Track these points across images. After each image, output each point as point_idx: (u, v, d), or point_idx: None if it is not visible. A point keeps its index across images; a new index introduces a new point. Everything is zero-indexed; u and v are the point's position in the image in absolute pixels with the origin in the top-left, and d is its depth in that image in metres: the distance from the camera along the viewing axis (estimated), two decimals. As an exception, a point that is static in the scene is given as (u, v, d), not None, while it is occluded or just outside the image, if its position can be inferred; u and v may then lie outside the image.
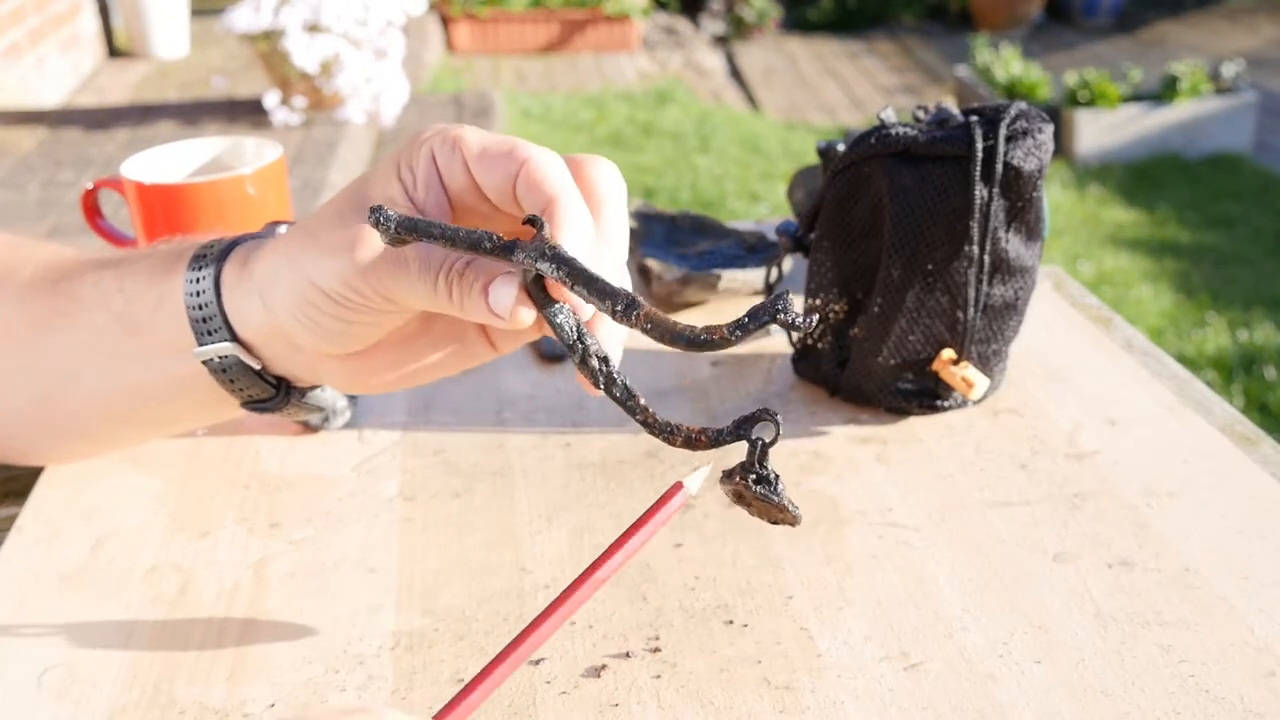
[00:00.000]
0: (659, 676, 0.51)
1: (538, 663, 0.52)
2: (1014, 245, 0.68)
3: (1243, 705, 0.49)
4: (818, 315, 0.39)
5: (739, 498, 0.47)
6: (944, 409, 0.71)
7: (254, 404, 0.55)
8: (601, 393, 0.46)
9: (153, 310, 0.53)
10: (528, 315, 0.45)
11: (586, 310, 0.46)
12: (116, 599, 0.57)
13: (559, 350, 0.78)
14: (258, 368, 0.53)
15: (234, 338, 0.52)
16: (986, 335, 0.70)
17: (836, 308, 0.73)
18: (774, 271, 0.79)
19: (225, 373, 0.53)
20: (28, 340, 0.57)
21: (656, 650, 0.52)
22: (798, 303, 0.76)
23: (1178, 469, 0.65)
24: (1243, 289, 3.51)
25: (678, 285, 0.82)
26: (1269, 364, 2.96)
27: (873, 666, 0.51)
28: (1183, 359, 2.97)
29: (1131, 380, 0.75)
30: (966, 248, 0.67)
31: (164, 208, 0.75)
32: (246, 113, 3.79)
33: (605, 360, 0.46)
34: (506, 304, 0.45)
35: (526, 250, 0.44)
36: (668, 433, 0.46)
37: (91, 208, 0.82)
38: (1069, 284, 0.89)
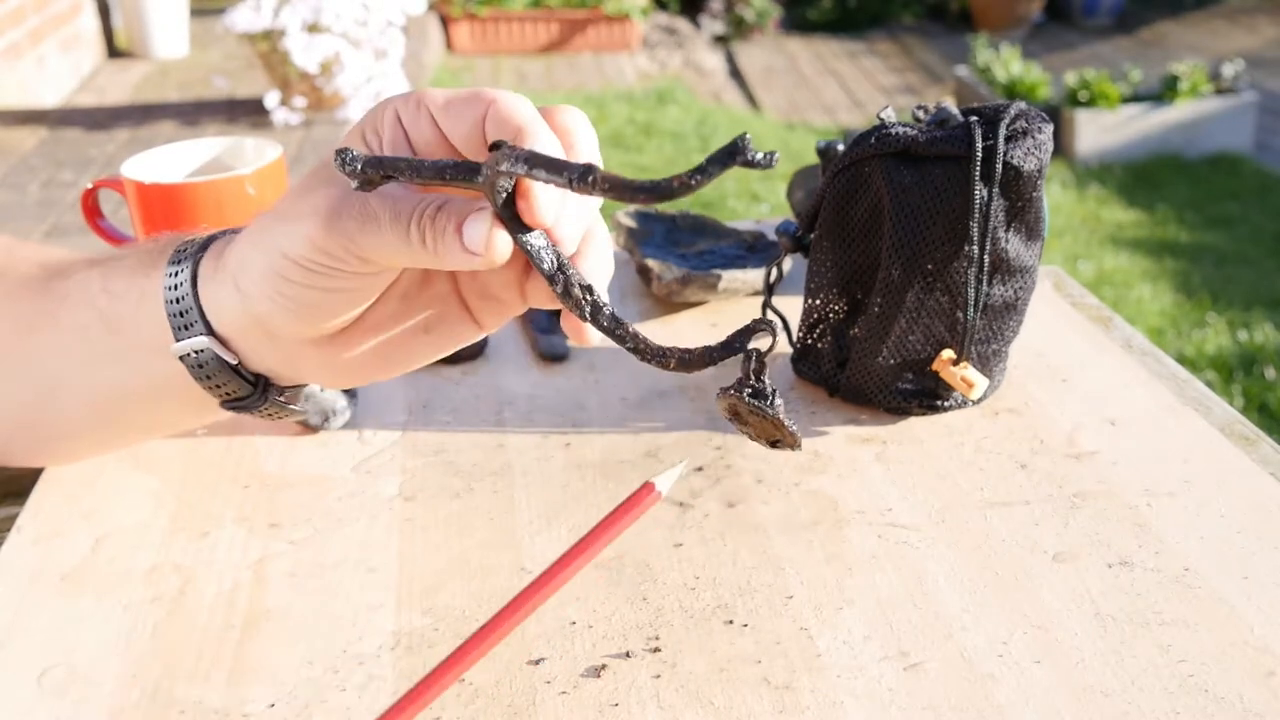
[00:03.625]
0: (659, 676, 0.51)
1: (538, 662, 0.52)
2: (1014, 245, 0.69)
3: (1242, 705, 0.49)
4: (772, 155, 0.34)
5: (734, 414, 0.44)
6: (944, 409, 0.71)
7: (233, 403, 0.54)
8: (587, 324, 0.45)
9: (134, 308, 0.53)
10: (504, 245, 0.44)
11: (569, 244, 0.45)
12: (116, 599, 0.57)
13: (559, 350, 0.78)
14: (234, 363, 0.52)
15: (210, 332, 0.51)
16: (986, 335, 0.70)
17: (836, 308, 0.73)
18: (774, 271, 0.79)
19: (202, 368, 0.52)
20: (15, 344, 0.57)
21: (656, 650, 0.52)
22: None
23: (1178, 469, 0.65)
24: (1243, 289, 3.51)
25: (678, 285, 0.82)
26: (1269, 364, 2.95)
27: (873, 666, 0.51)
28: (1183, 359, 2.97)
29: (1131, 380, 0.75)
30: (966, 248, 0.67)
31: (164, 208, 0.75)
32: (246, 113, 3.79)
33: (588, 289, 0.44)
34: (480, 237, 0.43)
35: (488, 163, 0.42)
36: (660, 357, 0.44)
37: (91, 208, 0.82)
38: (1069, 284, 0.89)
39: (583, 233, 0.46)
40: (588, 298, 0.44)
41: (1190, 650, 0.52)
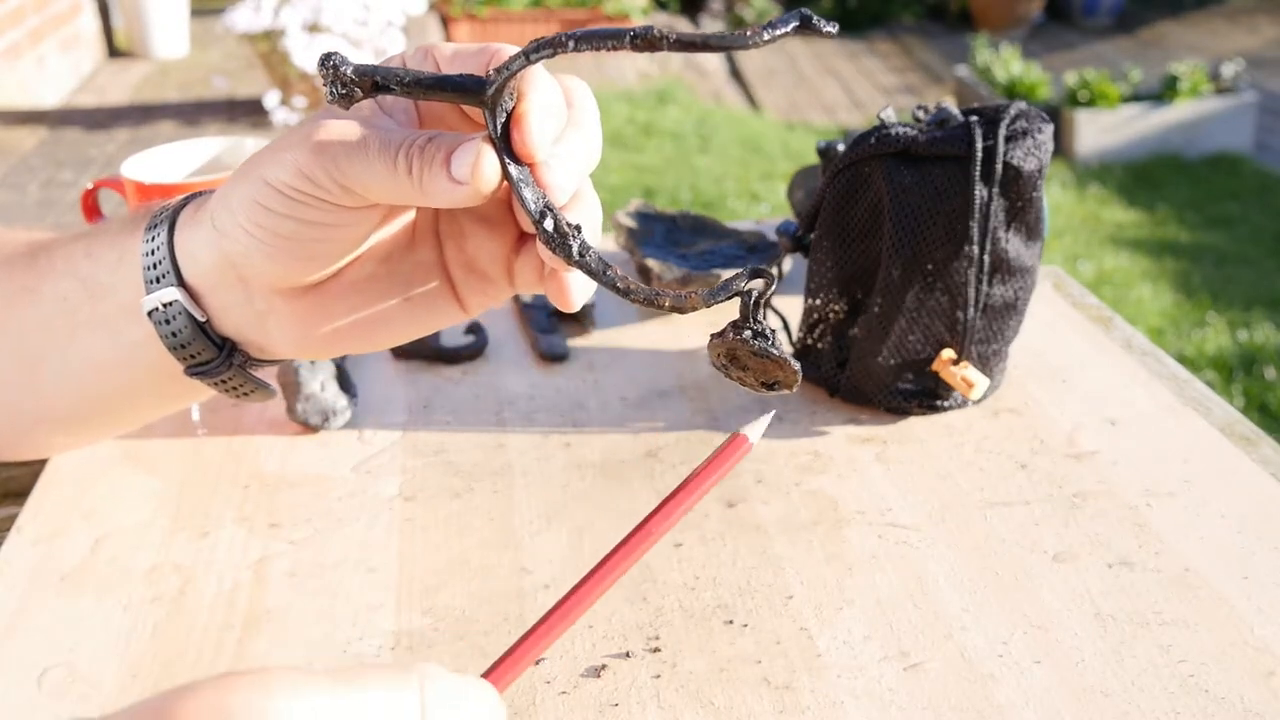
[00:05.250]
0: (659, 676, 0.51)
1: (538, 663, 0.52)
2: (1014, 245, 0.69)
3: (1242, 705, 0.49)
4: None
5: (732, 359, 0.43)
6: (944, 409, 0.71)
7: (198, 368, 0.52)
8: (572, 275, 0.43)
9: (113, 270, 0.52)
10: (491, 171, 0.43)
11: (560, 193, 0.44)
12: (116, 599, 0.57)
13: (559, 350, 0.78)
14: (203, 319, 0.51)
15: (181, 284, 0.50)
16: (986, 335, 0.70)
17: (836, 308, 0.73)
18: (774, 271, 0.79)
19: (169, 324, 0.50)
20: None
21: (656, 650, 0.52)
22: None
23: (1178, 469, 0.65)
24: (1243, 289, 3.51)
25: (678, 285, 0.82)
26: (1269, 364, 2.95)
27: (873, 666, 0.51)
28: (1183, 359, 2.97)
29: (1131, 380, 0.75)
30: (966, 248, 0.67)
31: (164, 208, 0.75)
32: (246, 113, 3.79)
33: (577, 228, 0.43)
34: (467, 164, 0.42)
35: (499, 69, 0.40)
36: (653, 298, 0.42)
37: (91, 208, 0.82)
38: (1069, 284, 0.89)
39: (575, 187, 0.45)
40: (576, 235, 0.43)
41: (1190, 650, 0.52)
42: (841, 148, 0.77)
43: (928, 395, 0.71)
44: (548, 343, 0.79)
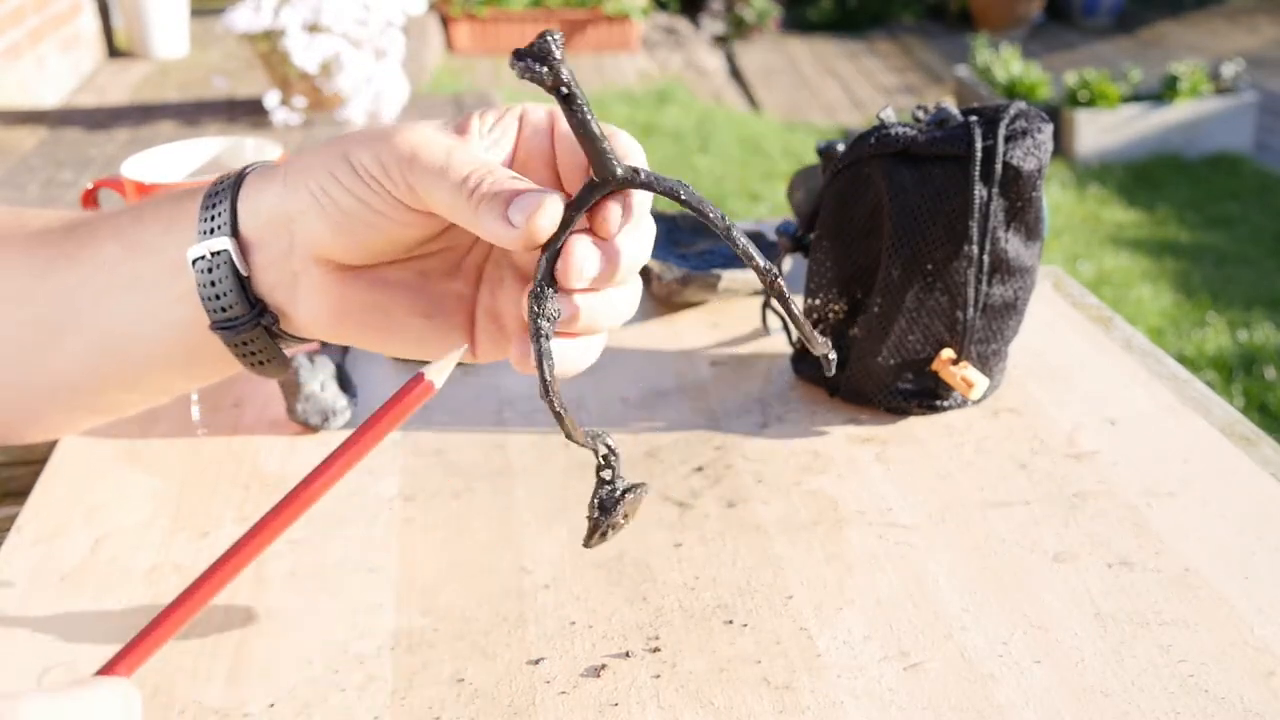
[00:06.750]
0: (659, 676, 0.51)
1: (538, 662, 0.52)
2: (1013, 245, 0.69)
3: (1242, 705, 0.49)
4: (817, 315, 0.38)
5: (613, 528, 0.48)
6: (944, 409, 0.71)
7: (226, 324, 0.52)
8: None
9: (161, 233, 0.53)
10: (548, 221, 0.45)
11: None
12: (116, 598, 0.57)
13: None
14: (245, 274, 0.51)
15: (235, 234, 0.51)
16: (986, 335, 0.70)
17: (836, 308, 0.73)
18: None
19: (210, 273, 0.51)
20: (26, 289, 0.56)
21: (656, 650, 0.52)
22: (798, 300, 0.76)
23: (1178, 469, 0.65)
24: (1243, 289, 3.51)
25: (678, 285, 0.82)
26: (1269, 364, 2.95)
27: (873, 666, 0.51)
28: (1183, 359, 2.97)
29: (1131, 380, 0.75)
30: (966, 248, 0.67)
31: (164, 208, 0.75)
32: (246, 113, 3.79)
33: (564, 409, 0.45)
34: (526, 210, 0.45)
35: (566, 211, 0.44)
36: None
37: (91, 207, 0.82)
38: (1069, 284, 0.89)
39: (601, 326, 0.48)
40: (566, 414, 0.45)
41: (1190, 650, 0.52)
42: (841, 148, 0.77)
43: (927, 395, 0.71)
44: (548, 343, 0.79)
